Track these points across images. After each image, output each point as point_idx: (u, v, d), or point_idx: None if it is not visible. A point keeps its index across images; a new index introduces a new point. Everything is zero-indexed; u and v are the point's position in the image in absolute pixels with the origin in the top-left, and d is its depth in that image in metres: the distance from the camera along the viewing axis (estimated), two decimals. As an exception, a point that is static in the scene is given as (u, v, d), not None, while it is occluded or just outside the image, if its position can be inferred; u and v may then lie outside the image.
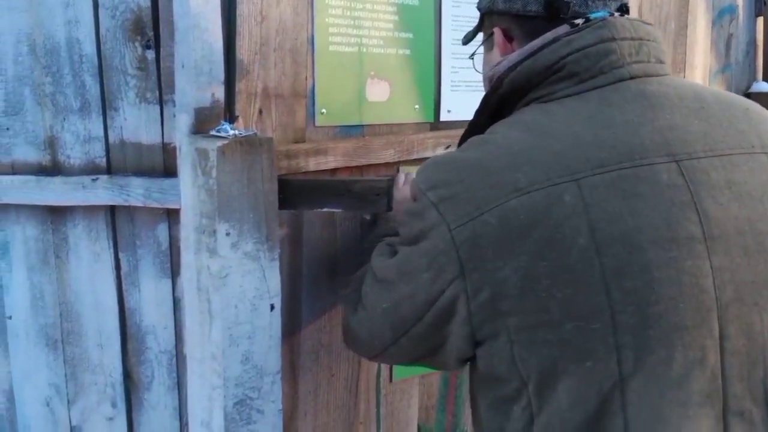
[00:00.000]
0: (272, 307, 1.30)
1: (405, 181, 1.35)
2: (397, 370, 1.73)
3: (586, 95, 1.06)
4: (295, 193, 1.31)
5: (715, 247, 0.98)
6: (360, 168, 1.55)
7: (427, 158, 1.68)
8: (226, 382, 1.25)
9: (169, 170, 1.44)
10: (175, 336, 1.52)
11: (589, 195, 0.97)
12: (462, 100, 1.76)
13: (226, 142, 1.20)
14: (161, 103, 1.42)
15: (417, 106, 1.67)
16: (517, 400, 1.02)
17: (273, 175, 1.26)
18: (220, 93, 1.31)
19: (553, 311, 0.96)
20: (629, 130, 1.02)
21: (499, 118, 1.13)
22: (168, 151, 1.43)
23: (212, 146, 1.20)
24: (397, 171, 1.64)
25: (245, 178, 1.23)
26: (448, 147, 1.70)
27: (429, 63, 1.69)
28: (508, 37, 1.17)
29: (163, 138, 1.43)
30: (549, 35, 1.10)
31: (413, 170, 1.65)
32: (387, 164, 1.60)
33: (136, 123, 1.44)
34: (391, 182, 1.30)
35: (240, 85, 1.35)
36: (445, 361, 1.12)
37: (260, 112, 1.41)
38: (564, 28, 1.10)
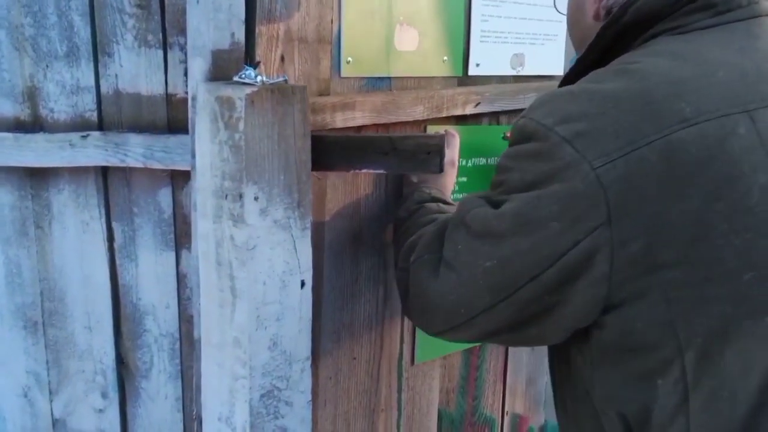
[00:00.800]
0: (303, 284, 1.12)
1: (449, 144, 1.19)
2: (420, 351, 1.57)
3: (729, 26, 0.94)
4: (329, 151, 1.12)
5: None
6: (386, 126, 1.37)
7: (456, 116, 1.53)
8: (252, 371, 1.07)
9: (173, 125, 1.24)
10: (179, 317, 1.33)
11: (764, 128, 0.86)
12: (492, 52, 1.59)
13: (255, 89, 1.00)
14: (165, 46, 1.21)
15: (445, 58, 1.50)
16: (665, 372, 0.88)
17: (306, 130, 1.08)
18: (240, 33, 1.11)
19: (728, 260, 0.84)
20: None
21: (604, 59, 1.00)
22: (173, 104, 1.23)
23: (239, 94, 1.00)
24: (425, 130, 1.46)
25: (276, 134, 1.04)
26: (477, 105, 1.53)
27: (459, 9, 1.51)
28: None
29: (166, 88, 1.23)
30: None
31: (442, 129, 1.48)
32: (415, 122, 1.42)
33: (134, 71, 1.23)
34: (443, 140, 1.13)
35: (260, 27, 1.16)
36: (544, 333, 0.97)
37: (282, 58, 1.21)
38: None
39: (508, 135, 1.39)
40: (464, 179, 1.57)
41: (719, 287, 0.84)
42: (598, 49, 1.01)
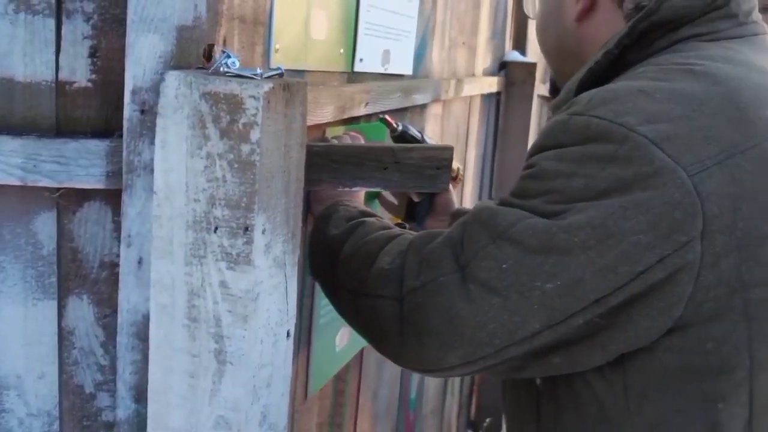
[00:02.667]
0: (288, 335, 0.87)
1: None
2: (316, 380, 1.37)
3: (750, 39, 0.93)
4: (316, 164, 0.89)
5: None
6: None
7: (354, 119, 1.34)
8: (244, 459, 0.81)
9: (65, 127, 0.88)
10: (60, 389, 0.96)
11: None
12: (370, 47, 1.43)
13: (269, 85, 0.74)
14: (59, 14, 0.85)
15: (342, 51, 1.31)
16: (731, 395, 0.83)
17: (304, 139, 0.84)
18: (202, 6, 0.82)
19: None
20: None
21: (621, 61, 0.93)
22: (68, 96, 0.87)
23: (252, 91, 0.73)
24: (324, 134, 1.26)
25: (283, 145, 0.79)
26: (366, 104, 1.37)
27: (352, -4, 1.33)
28: None
29: (57, 73, 0.87)
30: None
31: (338, 132, 1.29)
32: (317, 125, 1.22)
33: (5, 46, 0.84)
34: (452, 152, 0.95)
35: (208, -2, 0.87)
36: (573, 361, 0.87)
37: (224, 41, 0.93)
38: None
39: (387, 118, 1.26)
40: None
41: None
42: (623, 45, 0.93)
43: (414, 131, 1.23)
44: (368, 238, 1.01)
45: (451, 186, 1.22)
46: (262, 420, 0.84)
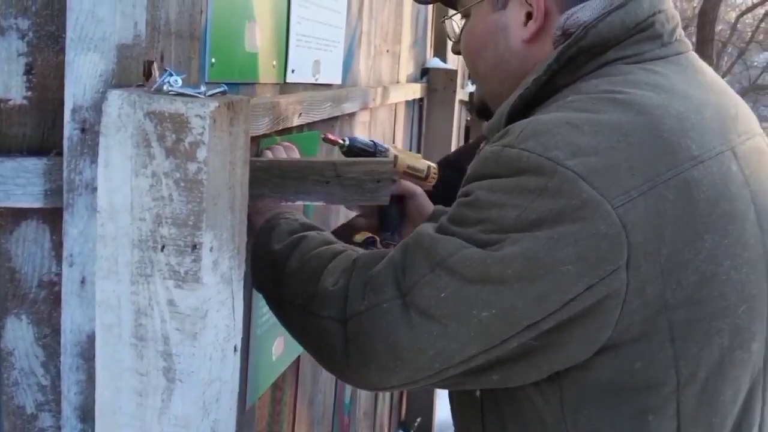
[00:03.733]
0: (235, 350, 0.88)
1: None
2: (253, 390, 1.37)
3: (674, 59, 0.97)
4: (259, 179, 0.90)
5: None
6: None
7: (287, 130, 1.35)
8: (195, 475, 0.81)
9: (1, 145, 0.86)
10: (0, 410, 0.94)
11: (745, 165, 0.91)
12: (302, 58, 1.44)
13: (215, 104, 0.75)
14: (-10, 28, 0.83)
15: (275, 63, 1.32)
16: (660, 409, 0.88)
17: (248, 155, 0.85)
18: (142, 24, 0.82)
19: (730, 296, 0.87)
20: (727, 101, 0.98)
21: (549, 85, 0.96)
22: (2, 113, 0.85)
23: (198, 110, 0.74)
24: (258, 146, 1.27)
25: (228, 162, 0.80)
26: (300, 115, 1.38)
27: (283, 8, 1.34)
28: None
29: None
30: None
31: (273, 143, 1.29)
32: (252, 138, 1.22)
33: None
34: (392, 166, 0.98)
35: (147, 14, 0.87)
36: (509, 377, 0.91)
37: (162, 57, 0.93)
38: None
39: (329, 136, 1.28)
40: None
41: (721, 322, 0.88)
42: (550, 72, 0.98)
43: (362, 140, 1.25)
44: (312, 253, 1.03)
45: (421, 187, 1.25)
46: (212, 435, 0.84)
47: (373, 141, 1.28)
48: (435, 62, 2.94)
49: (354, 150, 1.25)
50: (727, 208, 0.87)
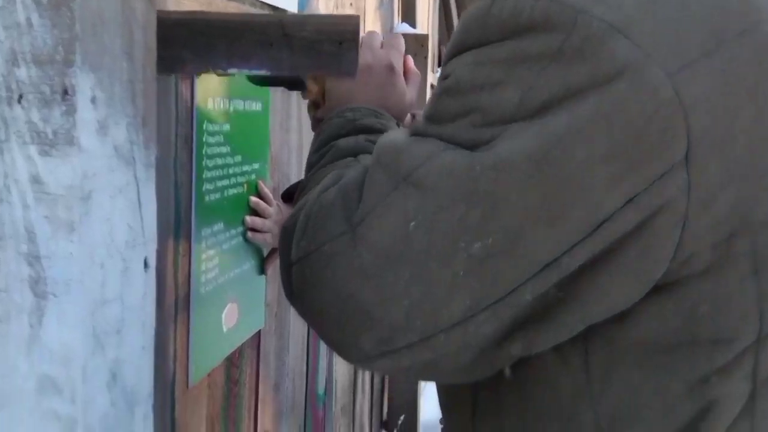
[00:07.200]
0: (146, 265, 0.64)
1: (380, 41, 0.80)
2: (198, 368, 1.12)
3: None
4: (178, 38, 0.66)
5: None
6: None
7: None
8: (85, 437, 0.56)
9: None
10: None
11: None
12: None
13: None
14: None
15: None
16: (731, 369, 0.63)
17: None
18: None
19: None
20: None
21: None
22: None
23: None
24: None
25: (116, -15, 0.56)
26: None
27: None
28: None
29: None
30: None
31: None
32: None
33: None
34: (358, 23, 0.73)
35: None
36: (539, 343, 0.64)
37: None
38: None
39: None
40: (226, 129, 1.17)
41: None
42: None
43: None
44: (321, 170, 0.80)
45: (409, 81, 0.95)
46: (111, 380, 0.60)
47: None
48: (404, 27, 2.72)
49: None
50: None
